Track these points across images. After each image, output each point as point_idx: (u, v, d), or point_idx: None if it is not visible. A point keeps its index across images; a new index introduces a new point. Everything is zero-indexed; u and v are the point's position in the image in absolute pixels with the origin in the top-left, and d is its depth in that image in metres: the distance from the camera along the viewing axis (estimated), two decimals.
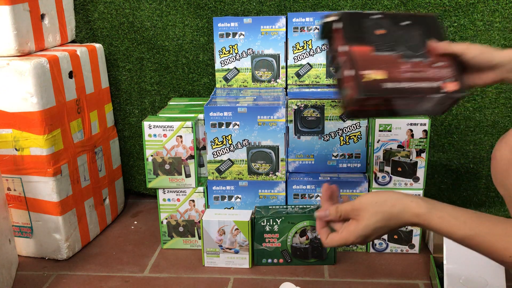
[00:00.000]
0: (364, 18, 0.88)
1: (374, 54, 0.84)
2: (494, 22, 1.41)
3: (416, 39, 0.88)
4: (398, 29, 0.88)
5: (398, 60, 0.85)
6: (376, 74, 0.82)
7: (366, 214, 0.74)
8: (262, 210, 1.30)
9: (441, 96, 0.83)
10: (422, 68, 0.85)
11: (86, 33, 1.55)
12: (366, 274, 1.27)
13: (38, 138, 1.24)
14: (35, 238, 1.33)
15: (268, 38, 1.40)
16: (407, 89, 0.82)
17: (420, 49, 0.87)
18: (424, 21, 0.90)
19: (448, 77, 0.84)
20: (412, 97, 0.83)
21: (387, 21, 0.88)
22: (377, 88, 0.81)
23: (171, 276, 1.27)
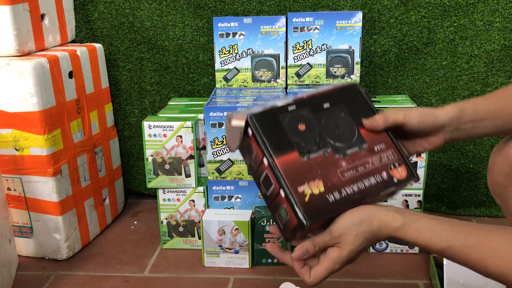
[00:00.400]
0: (278, 114, 0.73)
1: (302, 161, 0.70)
2: (494, 22, 1.41)
3: (343, 124, 0.75)
4: (319, 116, 0.75)
5: (332, 158, 0.72)
6: (314, 187, 0.69)
7: (348, 239, 0.70)
8: (262, 210, 1.30)
9: (395, 188, 0.73)
10: (362, 160, 0.73)
11: (86, 33, 1.55)
12: (366, 274, 1.26)
13: (38, 138, 1.24)
14: (35, 238, 1.33)
15: (268, 38, 1.40)
16: (356, 194, 0.70)
17: (351, 135, 0.74)
18: (345, 95, 0.78)
19: (394, 161, 0.74)
20: (364, 201, 0.71)
21: (305, 109, 0.75)
22: (323, 206, 0.68)
23: (171, 276, 1.27)
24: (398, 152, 0.76)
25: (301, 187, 0.68)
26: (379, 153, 0.74)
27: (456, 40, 1.44)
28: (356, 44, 1.38)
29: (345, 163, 0.72)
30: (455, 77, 1.47)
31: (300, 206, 0.67)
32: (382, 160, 0.74)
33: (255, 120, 0.71)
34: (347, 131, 0.75)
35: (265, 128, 0.71)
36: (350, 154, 0.73)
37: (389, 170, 0.74)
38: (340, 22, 1.37)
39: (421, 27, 1.45)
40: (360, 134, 0.75)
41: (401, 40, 1.47)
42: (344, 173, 0.71)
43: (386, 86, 1.52)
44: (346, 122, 0.76)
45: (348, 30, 1.37)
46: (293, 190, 0.68)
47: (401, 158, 0.75)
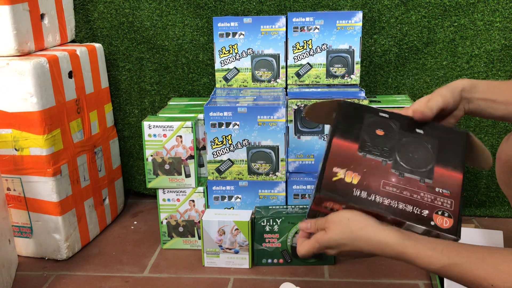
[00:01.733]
0: (366, 112, 0.76)
1: (356, 153, 0.72)
2: (495, 22, 1.41)
3: (422, 153, 0.73)
4: (404, 135, 0.74)
5: (386, 169, 0.71)
6: (349, 176, 0.70)
7: (335, 227, 0.72)
8: (262, 210, 1.30)
9: (425, 229, 0.69)
10: (414, 188, 0.71)
11: (86, 33, 1.55)
12: (366, 274, 1.26)
13: (38, 138, 1.23)
14: (35, 238, 1.33)
15: (268, 38, 1.40)
16: (382, 206, 0.69)
17: (422, 165, 0.72)
18: (447, 135, 0.76)
19: (446, 210, 0.70)
20: (387, 218, 0.69)
21: (395, 123, 0.75)
22: (343, 191, 0.69)
23: (171, 276, 1.27)
24: (457, 206, 0.70)
25: (337, 169, 0.71)
26: (437, 194, 0.71)
27: (456, 40, 1.44)
28: (356, 44, 1.38)
29: (394, 179, 0.71)
30: (455, 77, 1.47)
31: (323, 179, 0.70)
32: (435, 202, 0.70)
33: (344, 105, 0.76)
34: (422, 161, 0.73)
35: (346, 115, 0.75)
36: (406, 177, 0.71)
37: (434, 213, 0.70)
38: (340, 22, 1.37)
39: (421, 27, 1.44)
40: (432, 170, 0.72)
41: (401, 40, 1.46)
42: (386, 186, 0.70)
43: (386, 86, 1.52)
44: (426, 154, 0.73)
45: (348, 30, 1.37)
46: (328, 166, 0.71)
47: (456, 212, 0.70)
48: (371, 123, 0.75)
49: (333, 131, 0.74)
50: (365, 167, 0.71)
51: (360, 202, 0.69)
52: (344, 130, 0.74)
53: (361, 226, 0.70)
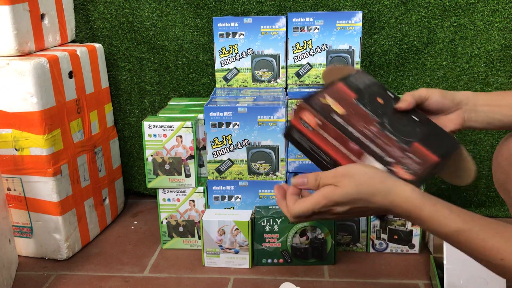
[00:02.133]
0: (378, 85, 0.82)
1: (352, 100, 0.76)
2: (494, 22, 1.41)
3: (411, 130, 0.76)
4: (400, 114, 0.78)
5: (372, 121, 0.74)
6: (336, 106, 0.73)
7: (349, 181, 0.66)
8: (262, 210, 1.30)
9: (383, 168, 0.70)
10: (388, 142, 0.72)
11: (86, 33, 1.55)
12: (366, 274, 1.26)
13: (38, 138, 1.24)
14: (35, 238, 1.33)
15: (268, 38, 1.40)
16: (351, 134, 0.71)
17: (406, 136, 0.74)
18: (440, 134, 0.79)
19: (409, 168, 0.70)
20: (349, 145, 0.70)
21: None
22: (324, 110, 0.72)
23: (171, 276, 1.27)
24: (423, 173, 0.71)
25: (328, 97, 0.75)
26: (407, 157, 0.71)
27: (456, 40, 1.44)
28: (356, 44, 1.38)
29: (374, 129, 0.73)
30: (455, 77, 1.47)
31: (313, 95, 0.74)
32: (402, 159, 0.71)
33: (361, 73, 0.83)
34: (406, 132, 0.74)
35: (360, 78, 0.82)
36: (386, 134, 0.73)
37: (398, 165, 0.70)
38: (340, 22, 1.37)
39: (421, 27, 1.44)
40: (411, 143, 0.73)
41: (401, 40, 1.46)
42: (364, 128, 0.72)
43: (386, 86, 1.52)
44: (413, 131, 0.75)
45: (348, 30, 1.37)
46: (322, 92, 0.76)
47: (420, 175, 0.70)
48: (377, 92, 0.79)
49: (341, 79, 0.79)
50: (353, 110, 0.74)
51: (334, 123, 0.71)
52: (351, 83, 0.79)
53: (381, 179, 0.66)
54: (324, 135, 0.72)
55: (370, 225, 1.34)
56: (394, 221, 1.33)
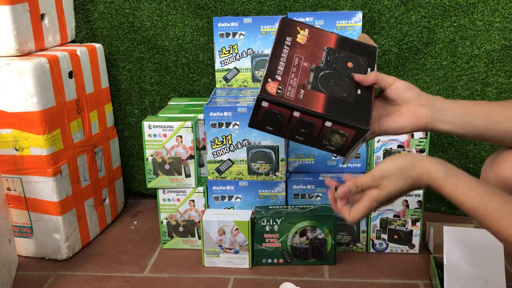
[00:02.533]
0: (365, 56, 0.88)
1: (321, 47, 0.86)
2: (494, 22, 1.41)
3: (337, 89, 0.83)
4: (352, 84, 0.84)
5: (314, 63, 0.84)
6: (302, 39, 0.85)
7: (390, 181, 0.74)
8: (262, 210, 1.30)
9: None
10: (299, 75, 0.82)
11: (86, 33, 1.55)
12: (366, 274, 1.26)
13: (38, 138, 1.24)
14: (35, 238, 1.33)
15: (268, 38, 1.40)
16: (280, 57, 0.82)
17: (324, 88, 0.82)
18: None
19: (284, 87, 0.80)
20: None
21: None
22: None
23: (171, 276, 1.27)
24: (293, 104, 0.78)
25: (306, 28, 0.87)
26: (297, 89, 0.81)
27: (456, 40, 1.44)
28: None
29: (307, 64, 0.84)
30: (455, 77, 1.47)
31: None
32: (290, 84, 0.81)
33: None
34: (334, 85, 0.82)
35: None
36: (307, 72, 0.82)
37: (276, 81, 0.79)
38: (340, 22, 1.37)
39: (421, 27, 1.44)
40: (320, 89, 0.81)
41: (401, 40, 1.46)
42: (304, 62, 0.83)
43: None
44: (344, 91, 0.82)
45: (348, 30, 1.37)
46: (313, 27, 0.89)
47: (287, 104, 0.78)
48: (355, 58, 0.86)
49: (340, 35, 0.89)
50: (312, 51, 0.85)
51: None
52: (344, 39, 0.89)
53: (413, 166, 0.74)
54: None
55: (370, 225, 1.34)
56: (394, 221, 1.33)
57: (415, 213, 1.32)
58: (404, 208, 1.32)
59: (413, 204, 1.32)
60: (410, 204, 1.32)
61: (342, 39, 0.89)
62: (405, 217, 1.33)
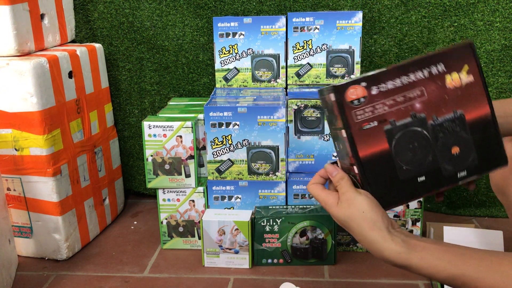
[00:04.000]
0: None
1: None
2: (495, 22, 1.41)
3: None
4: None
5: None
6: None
7: (346, 208, 0.70)
8: (262, 210, 1.30)
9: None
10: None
11: (86, 33, 1.55)
12: (366, 274, 1.26)
13: (38, 138, 1.23)
14: (35, 238, 1.33)
15: (268, 38, 1.40)
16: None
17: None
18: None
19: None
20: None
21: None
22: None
23: (171, 276, 1.27)
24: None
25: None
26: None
27: (456, 40, 1.44)
28: (356, 44, 1.38)
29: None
30: None
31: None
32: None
33: None
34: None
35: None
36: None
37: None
38: (340, 22, 1.37)
39: (421, 27, 1.44)
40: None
41: (401, 40, 1.46)
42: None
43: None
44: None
45: (348, 30, 1.37)
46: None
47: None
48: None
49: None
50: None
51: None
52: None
53: (370, 227, 0.68)
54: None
55: None
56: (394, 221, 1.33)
57: (415, 213, 1.32)
58: (404, 208, 1.32)
59: (413, 204, 1.32)
60: (410, 204, 1.32)
61: (489, 122, 0.71)
62: (405, 217, 1.33)
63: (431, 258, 0.66)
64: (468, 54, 0.70)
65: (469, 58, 0.70)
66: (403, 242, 0.68)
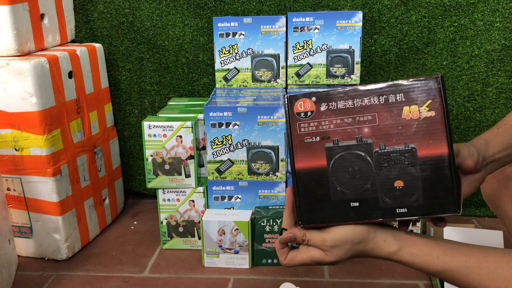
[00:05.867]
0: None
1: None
2: (495, 22, 1.41)
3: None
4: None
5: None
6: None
7: (337, 251, 0.69)
8: (262, 210, 1.30)
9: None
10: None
11: (86, 33, 1.55)
12: (366, 274, 1.26)
13: (38, 138, 1.23)
14: (35, 238, 1.33)
15: (268, 38, 1.40)
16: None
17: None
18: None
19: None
20: None
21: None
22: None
23: (171, 276, 1.27)
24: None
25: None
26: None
27: (456, 40, 1.44)
28: (356, 44, 1.38)
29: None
30: (456, 77, 1.47)
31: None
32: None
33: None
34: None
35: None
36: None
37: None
38: (340, 22, 1.37)
39: (421, 27, 1.44)
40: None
41: (401, 40, 1.46)
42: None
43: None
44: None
45: (348, 30, 1.37)
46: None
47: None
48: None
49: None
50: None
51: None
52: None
53: (365, 243, 0.69)
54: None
55: None
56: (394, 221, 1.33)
57: None
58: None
59: None
60: None
61: (444, 163, 0.65)
62: None
63: (421, 254, 0.67)
64: (435, 89, 0.64)
65: (434, 93, 0.64)
66: (394, 239, 0.69)
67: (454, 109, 1.49)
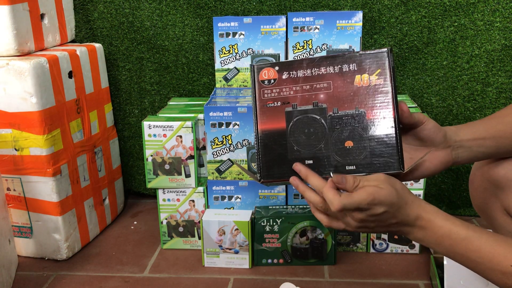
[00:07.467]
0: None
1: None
2: (495, 22, 1.41)
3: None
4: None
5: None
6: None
7: (391, 187, 0.68)
8: (262, 210, 1.30)
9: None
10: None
11: (86, 33, 1.55)
12: (366, 274, 1.26)
13: (38, 138, 1.23)
14: (35, 238, 1.33)
15: (268, 38, 1.40)
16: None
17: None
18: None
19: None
20: None
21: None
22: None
23: (171, 276, 1.27)
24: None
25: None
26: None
27: (456, 40, 1.44)
28: (357, 44, 1.38)
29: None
30: (456, 77, 1.47)
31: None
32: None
33: None
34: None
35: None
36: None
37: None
38: (340, 21, 1.37)
39: (421, 26, 1.44)
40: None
41: (401, 40, 1.46)
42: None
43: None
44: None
45: (348, 30, 1.37)
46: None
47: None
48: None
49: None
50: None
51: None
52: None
53: (408, 196, 0.70)
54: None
55: None
56: None
57: None
58: None
59: None
60: None
61: (390, 126, 0.73)
62: None
63: (431, 240, 0.70)
64: (384, 59, 0.73)
65: (383, 63, 0.73)
66: (418, 220, 0.70)
67: (454, 109, 1.49)
